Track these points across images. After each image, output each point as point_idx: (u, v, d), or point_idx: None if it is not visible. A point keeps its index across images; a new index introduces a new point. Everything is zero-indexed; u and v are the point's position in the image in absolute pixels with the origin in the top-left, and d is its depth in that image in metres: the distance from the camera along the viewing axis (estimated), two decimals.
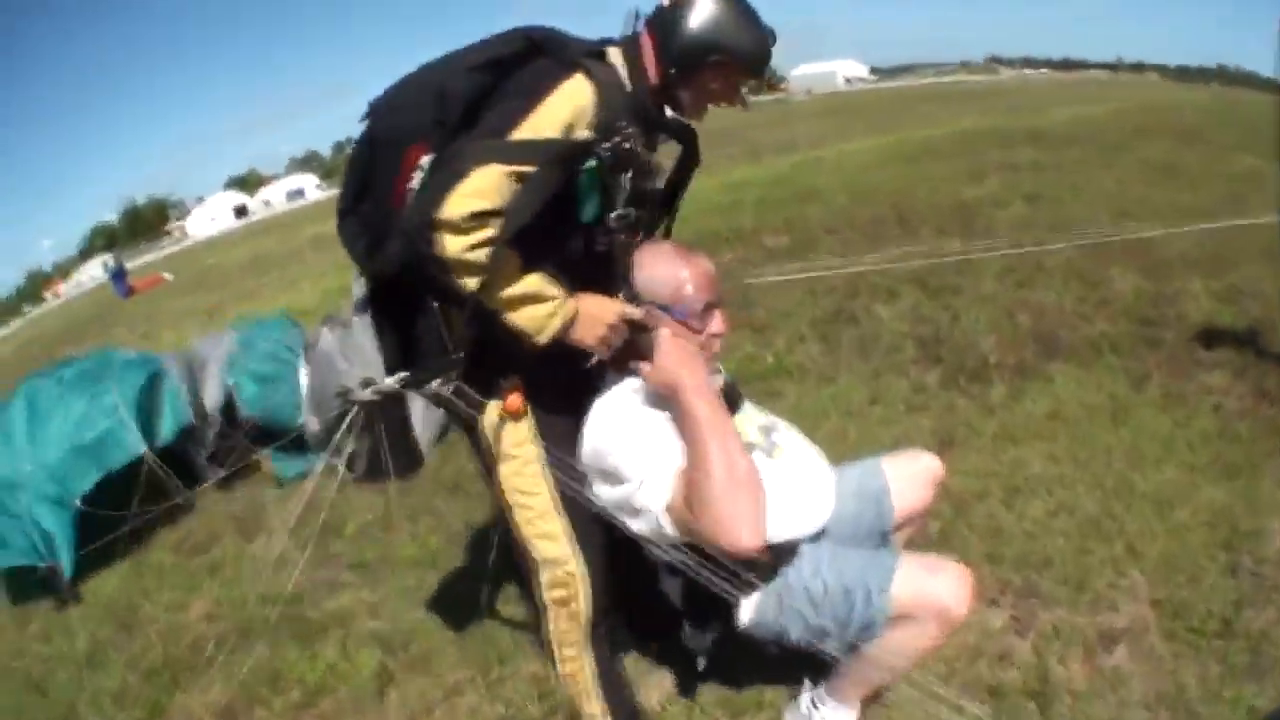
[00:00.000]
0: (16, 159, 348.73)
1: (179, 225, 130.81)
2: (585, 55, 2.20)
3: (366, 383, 2.31)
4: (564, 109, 2.10)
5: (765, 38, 2.28)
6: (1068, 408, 4.38)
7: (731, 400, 2.43)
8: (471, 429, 2.45)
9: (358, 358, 2.32)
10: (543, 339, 2.20)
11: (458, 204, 1.99)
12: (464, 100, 2.11)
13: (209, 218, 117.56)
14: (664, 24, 2.24)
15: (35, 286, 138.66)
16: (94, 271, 77.39)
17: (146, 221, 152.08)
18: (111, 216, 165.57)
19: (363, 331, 2.33)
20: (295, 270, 19.30)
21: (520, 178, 2.04)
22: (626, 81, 2.24)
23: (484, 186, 2.00)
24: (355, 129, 2.23)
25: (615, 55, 2.27)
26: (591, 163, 2.16)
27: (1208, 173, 12.45)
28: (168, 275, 34.78)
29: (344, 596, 4.02)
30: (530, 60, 2.19)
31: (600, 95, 2.14)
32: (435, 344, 2.30)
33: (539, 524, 2.44)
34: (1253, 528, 3.30)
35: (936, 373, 5.04)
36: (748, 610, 2.37)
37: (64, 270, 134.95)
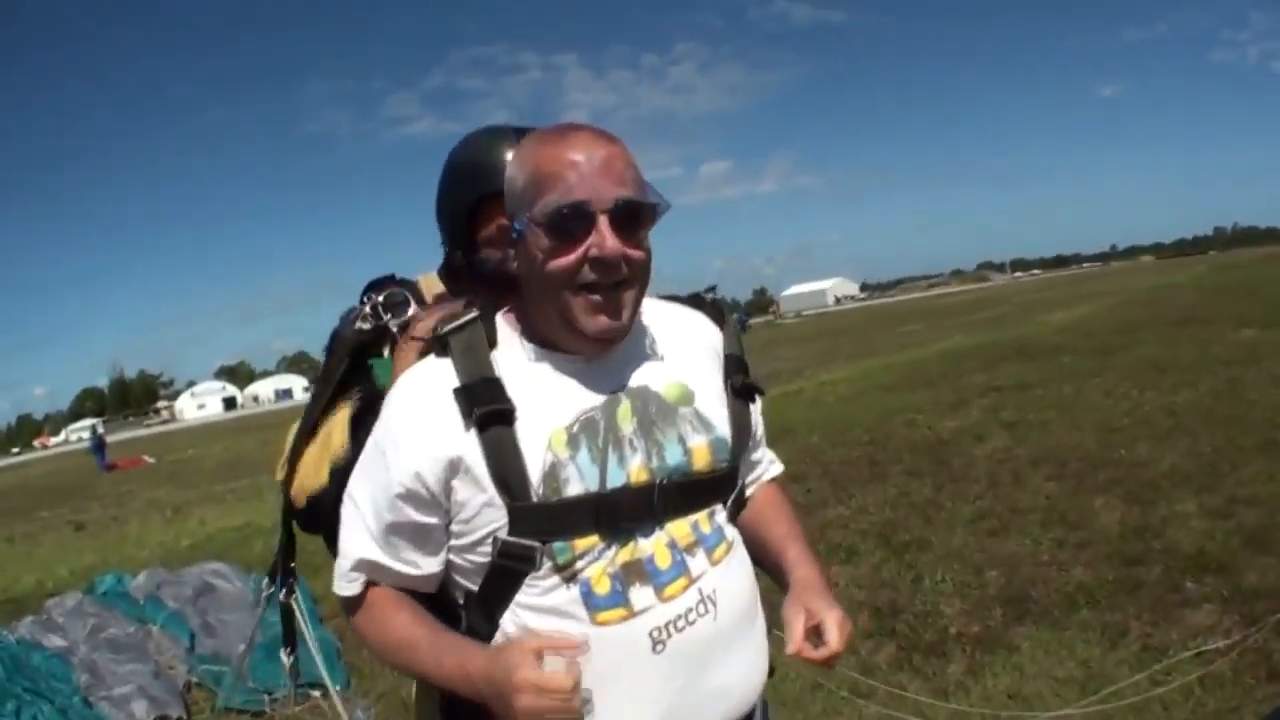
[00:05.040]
0: (21, 297, 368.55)
1: (167, 406, 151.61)
2: None
3: None
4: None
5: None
6: (1032, 684, 4.18)
7: (665, 500, 1.59)
8: None
9: None
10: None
11: None
12: None
13: (198, 405, 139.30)
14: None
15: (26, 431, 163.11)
16: (82, 432, 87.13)
17: (135, 395, 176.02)
18: (102, 381, 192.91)
19: None
20: (264, 479, 19.19)
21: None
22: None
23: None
24: None
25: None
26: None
27: (1203, 359, 13.04)
28: (149, 458, 36.27)
29: None
30: None
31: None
32: None
33: None
34: None
35: (890, 648, 4.85)
36: None
37: (54, 424, 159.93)
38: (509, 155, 1.98)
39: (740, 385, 1.76)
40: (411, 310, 2.05)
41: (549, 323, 1.59)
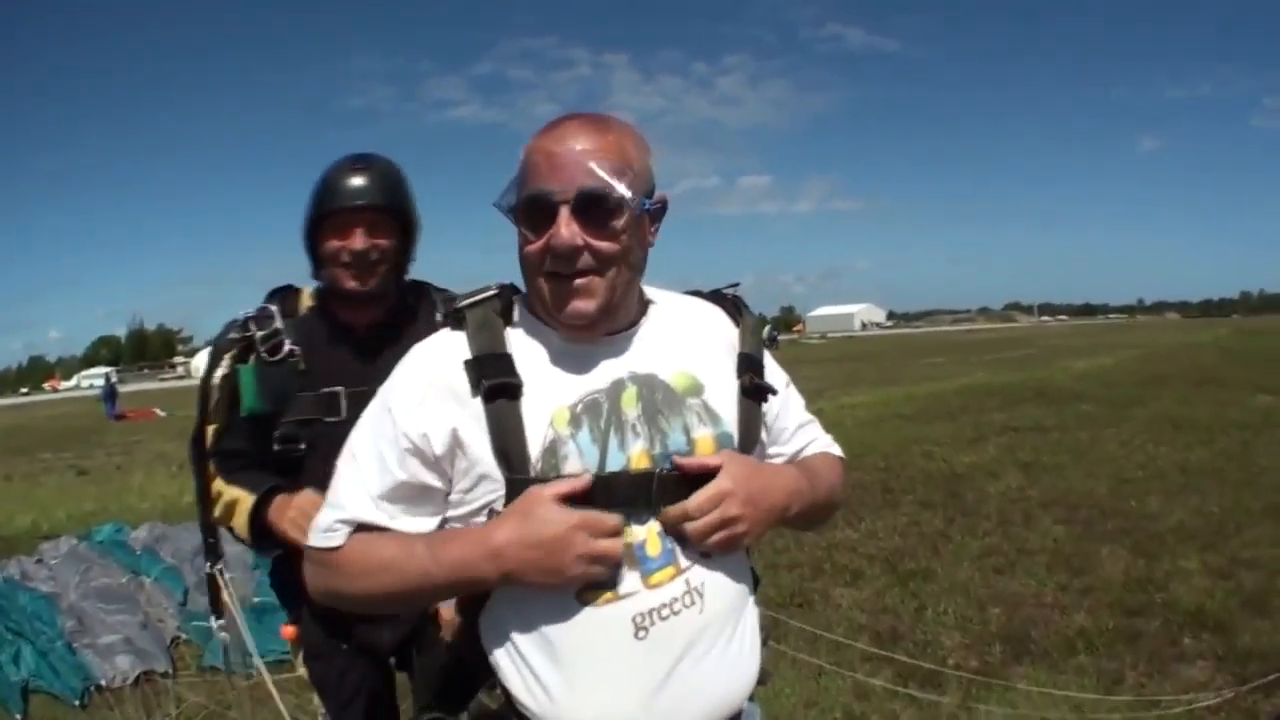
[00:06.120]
0: (47, 237, 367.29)
1: (184, 362, 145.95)
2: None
3: None
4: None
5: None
6: None
7: (664, 489, 1.55)
8: None
9: None
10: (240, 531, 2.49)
11: None
12: None
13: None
14: None
15: (37, 373, 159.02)
16: (95, 379, 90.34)
17: (152, 348, 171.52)
18: (120, 330, 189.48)
19: None
20: None
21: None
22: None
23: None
24: None
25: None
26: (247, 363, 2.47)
27: (1219, 420, 13.08)
28: (160, 411, 36.40)
29: None
30: None
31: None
32: None
33: None
34: None
35: (887, 673, 4.86)
36: None
37: (66, 368, 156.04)
38: (343, 179, 2.43)
39: (750, 385, 1.70)
40: (276, 324, 2.47)
41: (538, 306, 1.61)
